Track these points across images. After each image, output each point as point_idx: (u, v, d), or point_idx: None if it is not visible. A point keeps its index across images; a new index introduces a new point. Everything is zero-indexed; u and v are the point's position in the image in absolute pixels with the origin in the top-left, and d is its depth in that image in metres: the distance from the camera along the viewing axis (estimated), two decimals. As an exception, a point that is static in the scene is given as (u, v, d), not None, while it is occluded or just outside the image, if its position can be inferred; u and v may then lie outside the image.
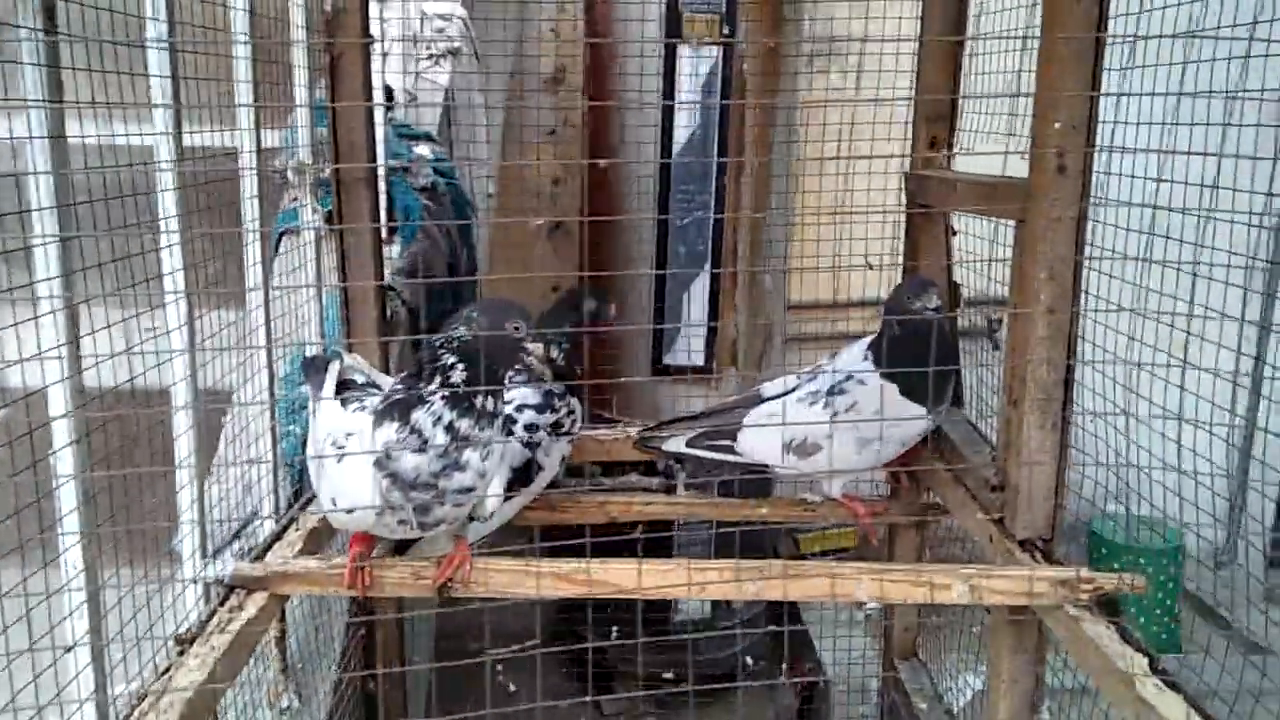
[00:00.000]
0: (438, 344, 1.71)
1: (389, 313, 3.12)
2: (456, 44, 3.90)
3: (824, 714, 3.97)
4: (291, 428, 2.66)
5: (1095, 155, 1.81)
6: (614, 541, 2.69)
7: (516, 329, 1.74)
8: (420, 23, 3.87)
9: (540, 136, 4.84)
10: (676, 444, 2.55)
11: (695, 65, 3.98)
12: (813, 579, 1.79)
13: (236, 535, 2.18)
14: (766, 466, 2.49)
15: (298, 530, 2.02)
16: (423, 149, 3.56)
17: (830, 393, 2.41)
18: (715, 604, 4.09)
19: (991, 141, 2.36)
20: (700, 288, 4.23)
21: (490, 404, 1.72)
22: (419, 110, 3.71)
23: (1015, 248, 1.97)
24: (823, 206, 3.83)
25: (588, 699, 4.03)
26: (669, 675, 4.07)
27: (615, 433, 2.67)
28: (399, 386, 1.74)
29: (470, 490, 1.71)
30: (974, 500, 2.17)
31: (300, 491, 2.37)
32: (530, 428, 2.29)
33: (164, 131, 1.89)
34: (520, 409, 2.30)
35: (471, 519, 1.83)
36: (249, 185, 2.22)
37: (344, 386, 1.87)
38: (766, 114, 4.01)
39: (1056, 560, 1.93)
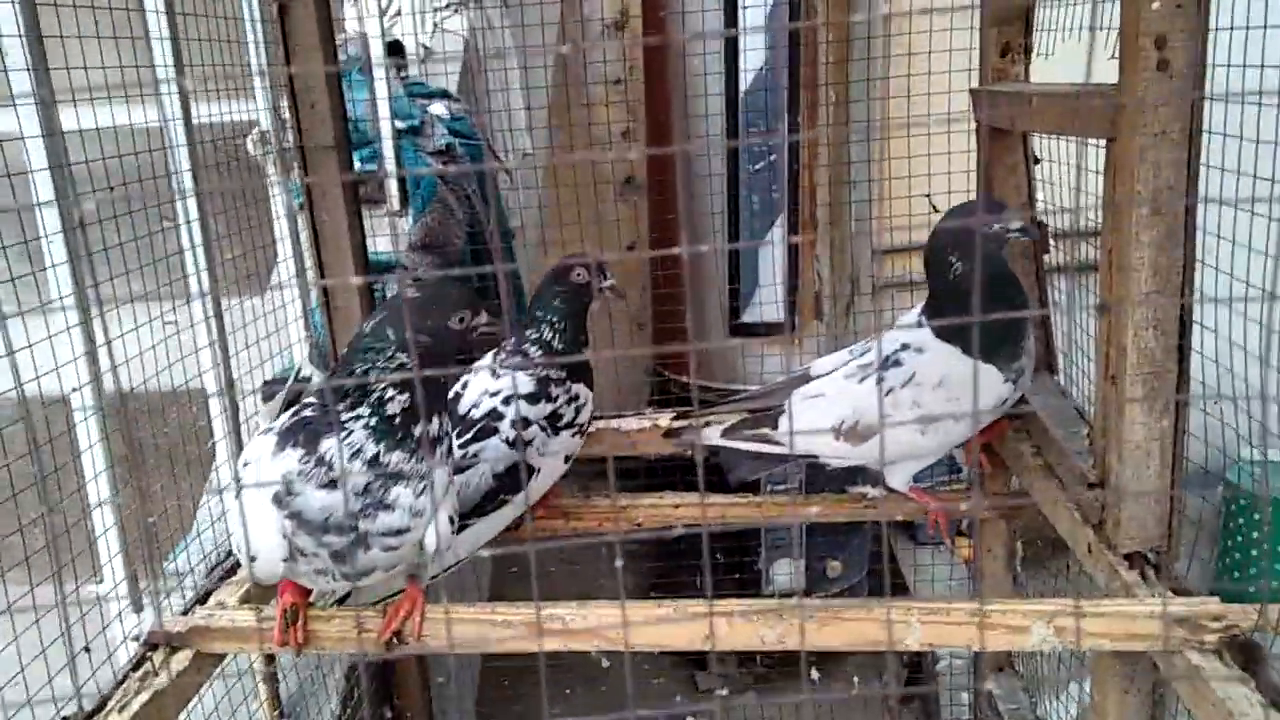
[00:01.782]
0: (367, 365, 1.36)
1: (397, 295, 2.82)
2: (477, -13, 3.53)
3: (931, 687, 3.59)
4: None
5: (1212, 42, 1.32)
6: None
7: (461, 320, 1.39)
8: (437, -32, 3.52)
9: (604, 86, 4.52)
10: (712, 434, 2.17)
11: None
12: (849, 623, 1.39)
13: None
14: (814, 457, 2.09)
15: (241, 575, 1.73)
16: (438, 107, 3.21)
17: (884, 365, 1.98)
18: (809, 573, 3.74)
19: (1074, 42, 1.86)
20: (778, 235, 3.82)
21: (434, 427, 1.38)
22: (433, 66, 3.37)
23: (1106, 175, 1.50)
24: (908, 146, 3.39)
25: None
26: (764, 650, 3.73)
27: (643, 422, 2.30)
28: (310, 402, 1.42)
29: (404, 532, 1.37)
30: (1067, 498, 1.72)
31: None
32: (521, 422, 1.94)
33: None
34: (508, 400, 1.95)
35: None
36: (179, 160, 1.91)
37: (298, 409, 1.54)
38: (842, 40, 3.53)
39: (1174, 579, 1.49)
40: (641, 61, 4.28)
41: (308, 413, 1.40)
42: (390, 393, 1.35)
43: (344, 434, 1.34)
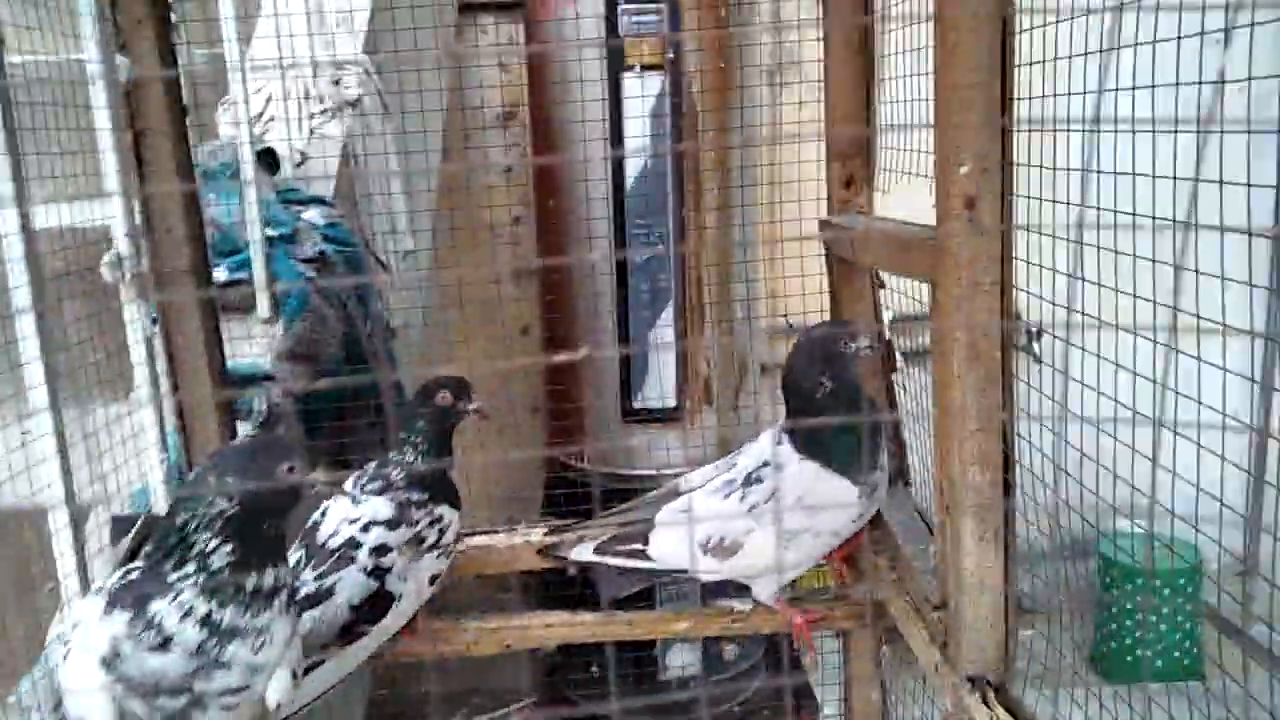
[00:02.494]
0: (189, 526, 1.34)
1: (268, 409, 2.78)
2: (354, 94, 3.55)
3: None
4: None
5: (1015, 207, 1.43)
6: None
7: (291, 470, 1.37)
8: (313, 75, 3.53)
9: (492, 176, 4.59)
10: (585, 552, 2.18)
11: (642, 90, 3.66)
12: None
13: None
14: (683, 572, 2.12)
15: None
16: (312, 214, 3.21)
17: (746, 483, 2.04)
18: (706, 656, 3.75)
19: (911, 183, 1.98)
20: (666, 325, 3.89)
21: (270, 579, 1.36)
22: (310, 172, 3.37)
23: (931, 315, 1.59)
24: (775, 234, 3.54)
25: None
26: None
27: (514, 539, 2.29)
28: (135, 567, 1.38)
29: (241, 690, 1.34)
30: (918, 616, 1.79)
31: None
32: (379, 550, 1.92)
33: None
34: (367, 527, 1.93)
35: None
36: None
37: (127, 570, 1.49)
38: (722, 138, 3.68)
39: (1012, 703, 1.55)
40: (530, 150, 4.35)
41: (135, 575, 1.36)
42: (213, 544, 1.33)
43: (173, 595, 1.31)
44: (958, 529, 1.55)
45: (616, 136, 3.63)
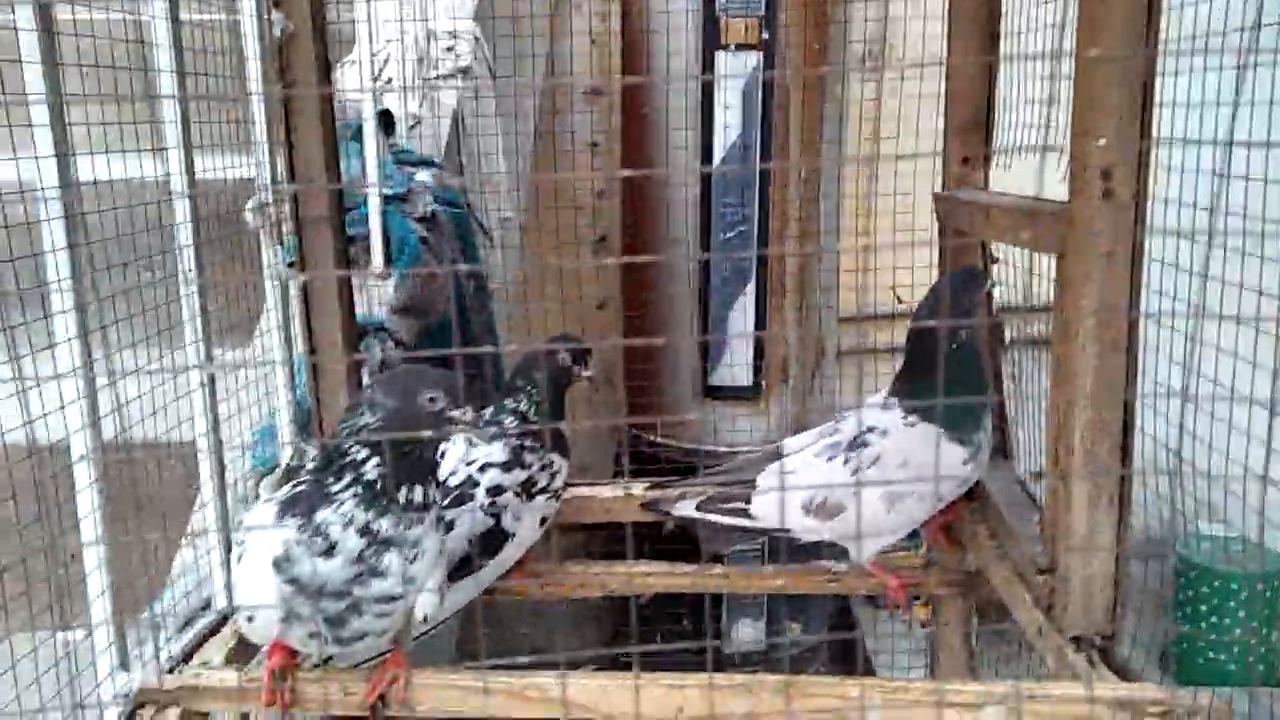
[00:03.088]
0: (343, 435, 1.45)
1: (381, 358, 2.90)
2: (466, 62, 3.66)
3: None
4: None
5: (1152, 176, 1.47)
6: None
7: (433, 400, 1.46)
8: (427, 41, 3.65)
9: (579, 148, 4.63)
10: (686, 508, 2.26)
11: (734, 69, 3.70)
12: (812, 698, 1.48)
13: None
14: (786, 531, 2.19)
15: (225, 632, 1.78)
16: (424, 175, 3.32)
17: (851, 446, 2.10)
18: (770, 630, 3.81)
19: (1029, 158, 2.01)
20: (746, 304, 3.94)
21: (419, 494, 1.46)
22: (423, 134, 3.49)
23: (1056, 287, 1.63)
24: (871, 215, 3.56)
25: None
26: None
27: (617, 491, 2.39)
28: (306, 477, 1.49)
29: (396, 599, 1.45)
30: (1021, 581, 1.83)
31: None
32: (494, 490, 2.02)
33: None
34: (483, 469, 2.04)
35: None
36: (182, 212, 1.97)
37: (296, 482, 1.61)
38: (813, 119, 3.70)
39: (1118, 662, 1.59)
40: (619, 127, 4.39)
41: (302, 487, 1.47)
42: (363, 454, 1.43)
43: (336, 505, 1.42)
44: (1071, 494, 1.59)
45: (707, 115, 3.68)
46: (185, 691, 1.56)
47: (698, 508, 2.25)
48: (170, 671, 1.64)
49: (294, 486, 1.49)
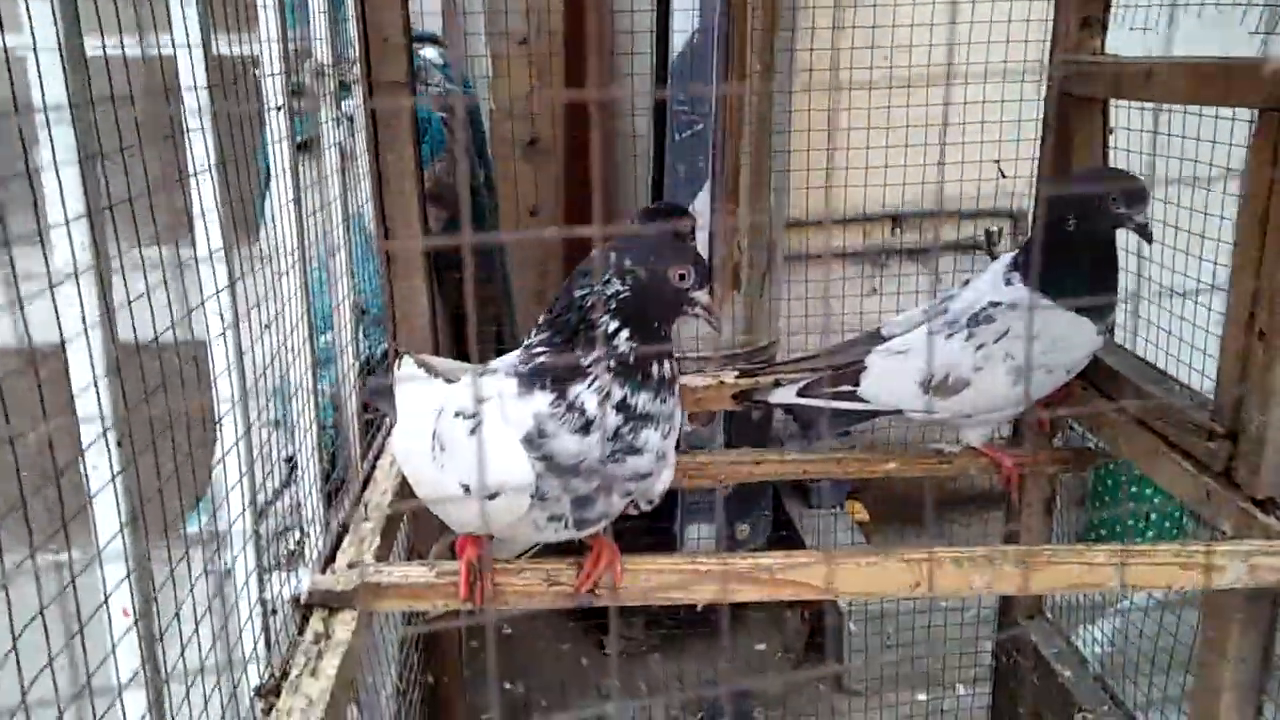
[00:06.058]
0: (586, 302, 1.28)
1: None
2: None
3: (836, 641, 3.74)
4: (321, 385, 2.21)
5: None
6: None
7: (682, 278, 1.30)
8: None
9: (512, 45, 4.24)
10: (786, 394, 2.16)
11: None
12: (1057, 567, 1.42)
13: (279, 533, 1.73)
14: (899, 412, 2.12)
15: (364, 528, 1.59)
16: (429, 52, 3.05)
17: (973, 322, 2.03)
18: (719, 534, 3.79)
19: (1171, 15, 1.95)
20: (702, 207, 3.77)
21: (668, 369, 1.31)
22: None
23: (1258, 146, 1.58)
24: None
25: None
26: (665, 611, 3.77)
27: (707, 379, 2.26)
28: (541, 350, 1.31)
29: (646, 476, 1.30)
30: (1174, 449, 1.82)
31: (331, 475, 1.91)
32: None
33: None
34: None
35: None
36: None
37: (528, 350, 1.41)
38: (772, 17, 3.53)
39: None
40: (551, 20, 4.03)
41: (543, 356, 1.29)
42: (614, 325, 1.27)
43: (591, 380, 1.25)
44: (1274, 352, 1.57)
45: (663, 7, 3.44)
46: (367, 591, 1.38)
47: (800, 393, 2.16)
48: (323, 572, 1.44)
49: (529, 354, 1.31)
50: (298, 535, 1.54)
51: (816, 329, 4.04)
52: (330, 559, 1.52)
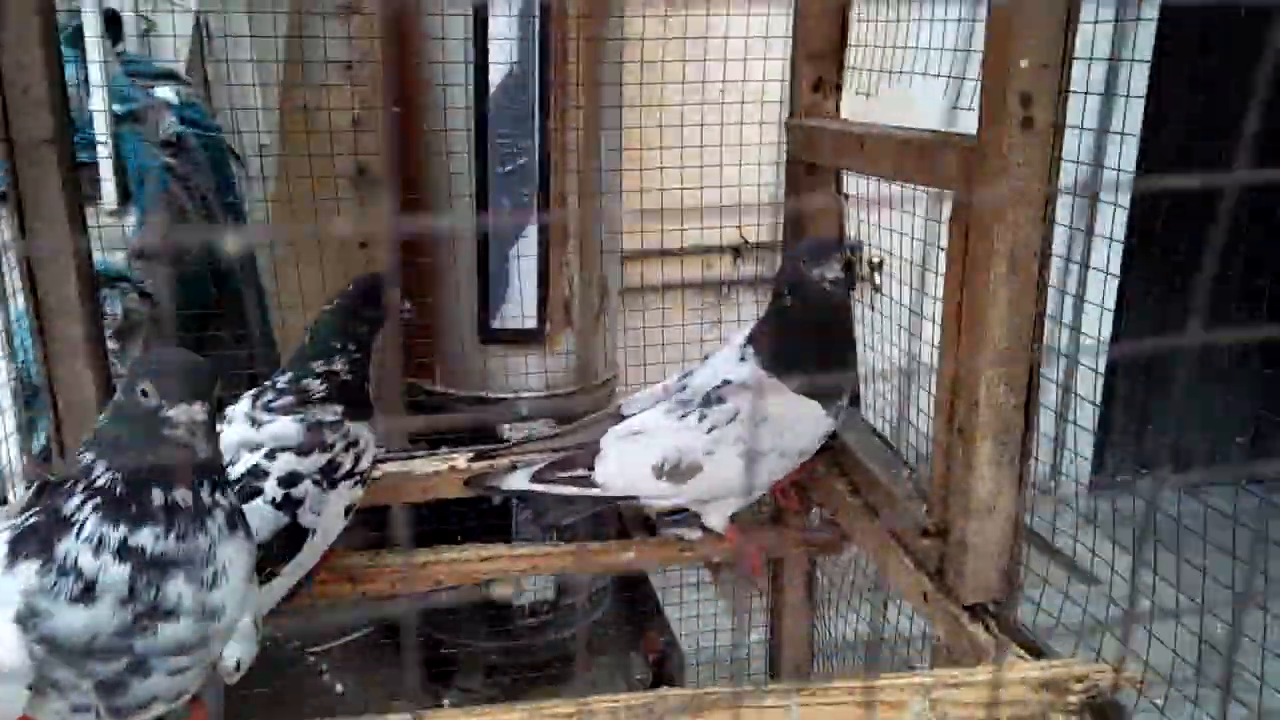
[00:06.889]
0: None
1: (124, 313, 2.39)
2: (205, -45, 3.07)
3: (679, 683, 3.62)
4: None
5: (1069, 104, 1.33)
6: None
7: (145, 394, 1.07)
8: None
9: (331, 74, 4.04)
10: (520, 480, 1.98)
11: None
12: (722, 712, 1.28)
13: None
14: (634, 499, 1.97)
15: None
16: (165, 91, 2.77)
17: (706, 403, 1.90)
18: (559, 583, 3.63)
19: (902, 86, 1.86)
20: (529, 243, 3.62)
21: (181, 496, 1.08)
22: (158, 43, 2.90)
23: (955, 228, 1.48)
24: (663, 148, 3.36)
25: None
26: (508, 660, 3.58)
27: (436, 463, 2.07)
28: (36, 503, 1.09)
29: (196, 647, 1.09)
30: (897, 543, 1.71)
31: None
32: (288, 480, 1.65)
33: None
34: (271, 455, 1.65)
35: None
36: None
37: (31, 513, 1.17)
38: (593, 50, 3.40)
39: (1017, 631, 1.50)
40: (376, 48, 3.86)
41: (37, 518, 1.07)
42: (89, 457, 1.07)
43: (76, 528, 1.04)
44: (974, 453, 1.47)
45: (481, 41, 3.30)
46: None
47: (533, 479, 1.99)
48: None
49: (25, 519, 1.08)
50: None
51: (656, 360, 3.93)
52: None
